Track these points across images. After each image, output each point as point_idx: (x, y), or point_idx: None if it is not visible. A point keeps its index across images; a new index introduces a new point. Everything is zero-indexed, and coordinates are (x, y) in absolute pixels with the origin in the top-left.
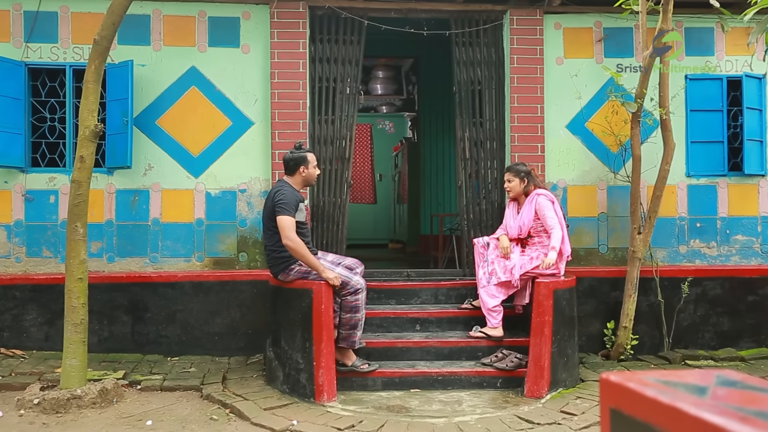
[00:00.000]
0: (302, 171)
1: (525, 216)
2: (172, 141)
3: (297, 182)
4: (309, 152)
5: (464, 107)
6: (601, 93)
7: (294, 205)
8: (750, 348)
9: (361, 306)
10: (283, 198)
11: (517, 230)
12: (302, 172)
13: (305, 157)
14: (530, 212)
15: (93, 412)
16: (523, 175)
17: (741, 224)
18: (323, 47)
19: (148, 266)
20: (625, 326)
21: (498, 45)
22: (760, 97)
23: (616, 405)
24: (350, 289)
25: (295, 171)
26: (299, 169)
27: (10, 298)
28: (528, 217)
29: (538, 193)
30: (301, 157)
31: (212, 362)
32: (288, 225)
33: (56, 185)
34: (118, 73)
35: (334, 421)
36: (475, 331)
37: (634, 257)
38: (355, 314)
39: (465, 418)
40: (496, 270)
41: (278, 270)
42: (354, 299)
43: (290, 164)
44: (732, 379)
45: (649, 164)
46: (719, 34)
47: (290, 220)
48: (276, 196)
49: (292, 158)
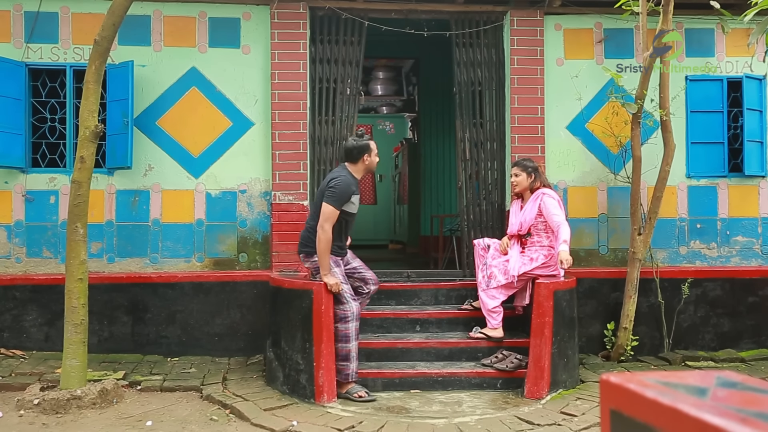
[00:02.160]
0: (365, 159)
1: (528, 213)
2: (173, 141)
3: (359, 170)
4: (371, 140)
5: (464, 108)
6: (602, 94)
7: (345, 197)
8: (750, 349)
9: (352, 336)
10: (337, 186)
11: (517, 226)
12: (365, 160)
13: (368, 145)
14: (533, 210)
15: (93, 413)
16: (531, 170)
17: (741, 225)
18: (324, 48)
19: (148, 267)
20: (626, 327)
21: (498, 46)
22: (760, 98)
23: (617, 406)
24: (340, 314)
25: (358, 159)
26: (362, 157)
27: (10, 298)
28: (531, 214)
29: (544, 192)
30: (365, 145)
31: (212, 363)
32: (328, 215)
33: (56, 186)
34: (118, 74)
35: (334, 421)
36: (475, 332)
37: (635, 258)
38: (346, 344)
39: (465, 419)
40: (495, 273)
41: (305, 250)
42: (344, 327)
43: (354, 152)
44: (732, 380)
45: (649, 165)
46: (719, 35)
47: (333, 211)
48: (331, 182)
49: (356, 146)
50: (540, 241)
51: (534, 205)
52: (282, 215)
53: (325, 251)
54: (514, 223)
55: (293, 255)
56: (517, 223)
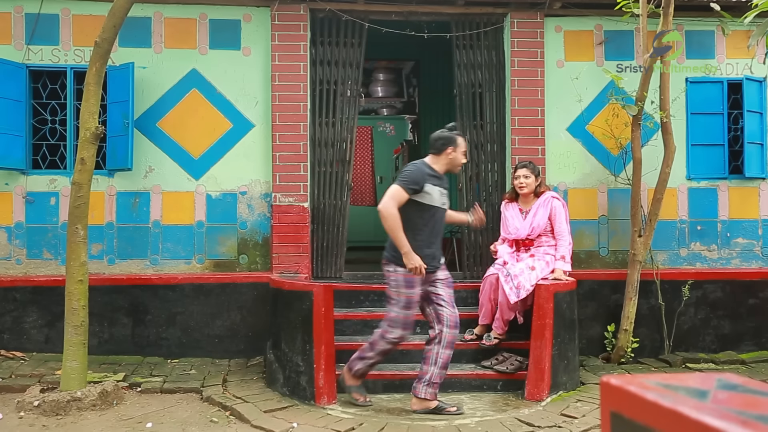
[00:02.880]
0: (449, 152)
1: (540, 218)
2: (173, 143)
3: (440, 163)
4: (460, 136)
5: (465, 110)
6: (602, 96)
7: (415, 181)
8: (751, 351)
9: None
10: (406, 170)
11: (528, 231)
12: (449, 153)
13: (455, 138)
14: (545, 214)
15: (93, 414)
16: (537, 173)
17: (741, 227)
18: (324, 50)
19: (149, 268)
20: (626, 329)
21: (498, 48)
22: (760, 100)
23: (617, 408)
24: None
25: (441, 151)
26: (446, 150)
27: (10, 300)
28: (543, 218)
29: (553, 196)
30: (451, 138)
31: (212, 364)
32: (393, 193)
33: (57, 187)
34: (119, 76)
35: (335, 423)
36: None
37: (635, 260)
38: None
39: (465, 420)
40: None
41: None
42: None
43: (438, 143)
44: (733, 382)
45: (649, 167)
46: (720, 38)
47: (399, 190)
48: (403, 168)
49: (441, 137)
50: (548, 241)
51: (546, 210)
52: (282, 217)
53: (396, 227)
54: (521, 228)
55: (293, 257)
56: (526, 227)
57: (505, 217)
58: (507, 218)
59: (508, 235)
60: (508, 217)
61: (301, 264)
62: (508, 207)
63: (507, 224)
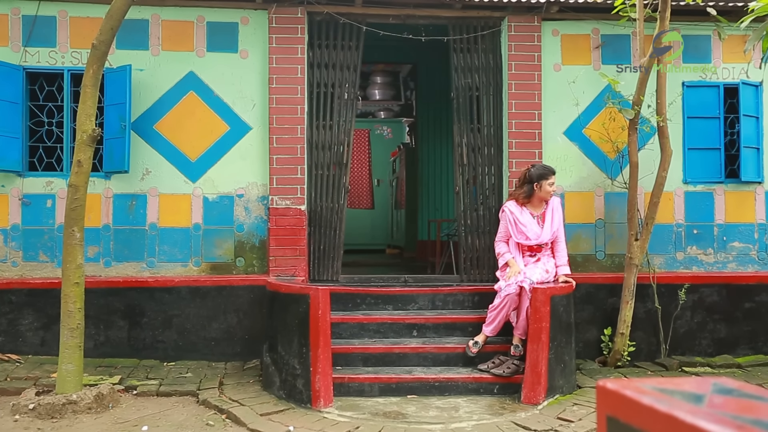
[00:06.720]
0: None
1: (556, 222)
2: (170, 146)
3: None
4: None
5: (462, 113)
6: (599, 99)
7: None
8: (747, 355)
9: None
10: None
11: (550, 236)
12: None
13: None
14: (558, 218)
15: (88, 418)
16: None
17: (738, 231)
18: (321, 53)
19: (145, 271)
20: (622, 333)
21: (496, 51)
22: (756, 104)
23: (613, 412)
24: None
25: None
26: None
27: (6, 302)
28: (558, 221)
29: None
30: None
31: (209, 367)
32: None
33: (53, 189)
34: (116, 78)
35: (331, 427)
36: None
37: (631, 264)
38: None
39: (462, 424)
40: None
41: None
42: None
43: None
44: (729, 387)
45: (646, 171)
46: (716, 42)
47: None
48: None
49: None
50: (549, 245)
51: (558, 213)
52: (279, 220)
53: None
54: (543, 234)
55: (290, 259)
56: (548, 232)
57: (520, 222)
58: (523, 224)
59: (526, 241)
60: (525, 223)
61: (297, 267)
62: (523, 212)
63: (524, 230)
